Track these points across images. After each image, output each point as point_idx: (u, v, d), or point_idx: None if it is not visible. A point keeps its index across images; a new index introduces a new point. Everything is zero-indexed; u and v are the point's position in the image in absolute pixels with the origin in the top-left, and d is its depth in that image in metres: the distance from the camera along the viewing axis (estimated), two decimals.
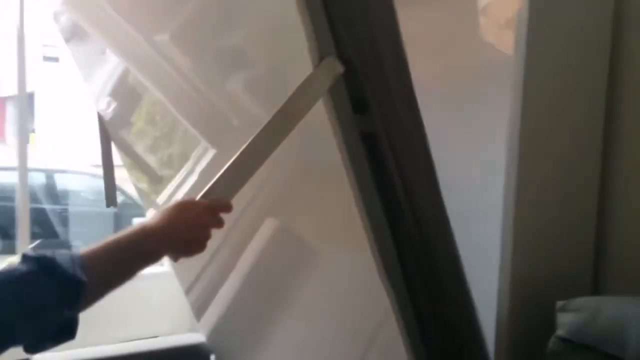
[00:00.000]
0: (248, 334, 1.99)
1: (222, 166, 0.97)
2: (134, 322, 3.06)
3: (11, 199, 5.28)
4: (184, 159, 1.77)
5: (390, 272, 1.14)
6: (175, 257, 0.95)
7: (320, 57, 0.98)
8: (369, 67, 1.03)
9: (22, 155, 3.16)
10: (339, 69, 0.98)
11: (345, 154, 1.05)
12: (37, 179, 4.38)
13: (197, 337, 2.19)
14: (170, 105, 1.67)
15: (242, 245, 1.60)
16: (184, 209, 0.92)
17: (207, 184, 0.97)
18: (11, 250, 4.88)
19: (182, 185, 1.73)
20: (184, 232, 0.91)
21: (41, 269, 0.77)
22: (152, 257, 0.90)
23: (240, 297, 1.86)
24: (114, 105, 1.97)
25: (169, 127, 1.79)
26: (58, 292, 0.77)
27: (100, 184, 2.13)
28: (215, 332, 2.11)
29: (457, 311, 1.23)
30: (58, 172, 4.63)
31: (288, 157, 1.17)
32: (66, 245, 4.33)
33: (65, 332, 0.81)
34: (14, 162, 3.16)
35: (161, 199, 1.99)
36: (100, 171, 2.13)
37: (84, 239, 4.20)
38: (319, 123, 1.03)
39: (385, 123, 1.06)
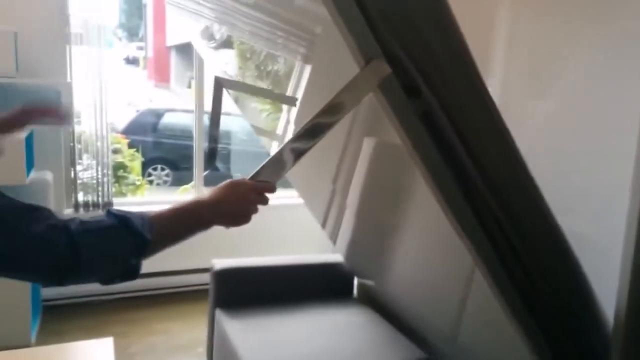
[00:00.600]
0: (370, 253, 2.43)
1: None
2: (291, 243, 3.66)
3: (179, 137, 6.09)
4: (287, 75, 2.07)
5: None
6: (225, 226, 1.06)
7: (366, 60, 1.07)
8: (416, 60, 1.09)
9: (199, 99, 3.71)
10: (387, 69, 1.06)
11: (405, 137, 1.16)
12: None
13: (336, 257, 2.68)
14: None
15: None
16: (234, 187, 1.05)
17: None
18: (179, 182, 5.69)
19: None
20: (233, 206, 1.04)
21: (120, 224, 0.91)
22: (204, 225, 1.03)
23: (358, 224, 2.28)
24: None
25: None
26: (129, 244, 0.92)
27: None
28: (348, 254, 2.59)
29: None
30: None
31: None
32: (229, 177, 4.98)
33: (130, 274, 0.96)
34: (183, 105, 3.59)
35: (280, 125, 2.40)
36: None
37: (242, 173, 4.81)
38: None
39: (441, 103, 1.13)
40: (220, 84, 2.03)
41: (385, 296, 2.44)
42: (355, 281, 2.72)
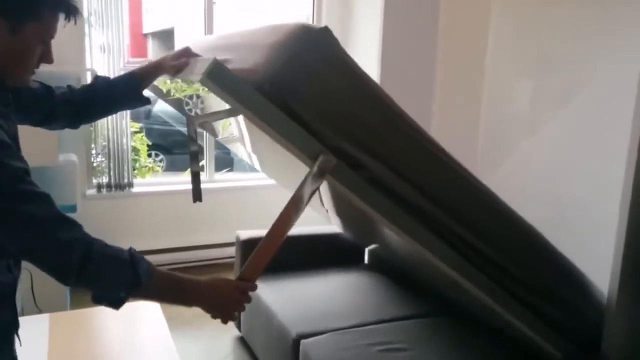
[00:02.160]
0: (360, 234, 2.65)
1: None
2: (306, 217, 3.86)
3: (169, 124, 6.30)
4: None
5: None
6: (208, 313, 1.22)
7: (313, 158, 1.27)
8: (354, 141, 1.32)
9: None
10: (332, 160, 1.28)
11: (364, 203, 1.38)
12: None
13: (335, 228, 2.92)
14: None
15: None
16: (222, 283, 1.23)
17: None
18: (173, 168, 5.88)
19: None
20: (216, 300, 1.21)
21: (131, 262, 1.07)
22: (188, 305, 1.22)
23: (343, 221, 2.55)
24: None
25: None
26: (127, 280, 1.07)
27: None
28: (345, 232, 2.84)
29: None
30: None
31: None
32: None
33: (115, 302, 1.09)
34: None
35: None
36: None
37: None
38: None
39: (386, 164, 1.39)
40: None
41: (393, 262, 2.68)
42: (366, 250, 2.97)
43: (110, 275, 1.06)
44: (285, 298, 2.42)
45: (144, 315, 2.19)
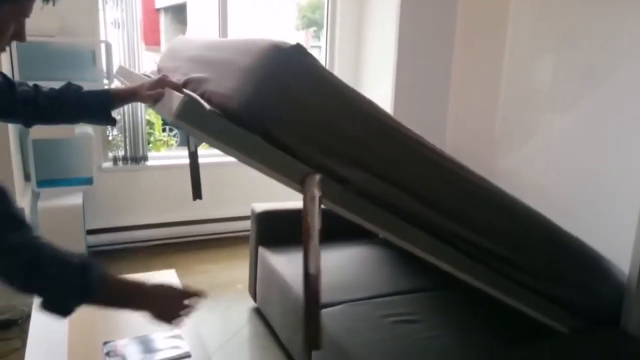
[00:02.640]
0: None
1: None
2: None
3: None
4: None
5: None
6: (153, 317, 1.18)
7: (301, 181, 1.26)
8: (338, 158, 1.30)
9: None
10: (318, 179, 1.26)
11: (356, 216, 1.38)
12: None
13: None
14: None
15: None
16: (168, 290, 1.22)
17: None
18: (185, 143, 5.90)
19: None
20: (159, 306, 1.18)
21: (82, 269, 1.01)
22: (137, 310, 1.17)
23: None
24: None
25: None
26: (76, 288, 1.01)
27: None
28: None
29: None
30: None
31: None
32: None
33: (63, 310, 1.03)
34: None
35: None
36: None
37: None
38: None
39: (375, 174, 1.36)
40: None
41: None
42: None
43: (59, 282, 1.00)
44: (301, 270, 2.43)
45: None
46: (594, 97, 2.64)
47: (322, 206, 1.26)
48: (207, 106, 1.17)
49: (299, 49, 1.23)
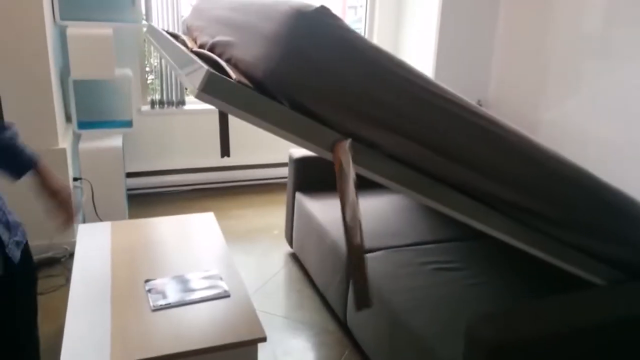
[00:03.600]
0: None
1: None
2: None
3: None
4: None
5: None
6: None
7: (331, 148, 1.23)
8: (364, 122, 1.25)
9: None
10: (348, 143, 1.23)
11: (385, 178, 1.33)
12: None
13: None
14: None
15: None
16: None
17: None
18: None
19: None
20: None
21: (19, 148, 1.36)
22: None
23: None
24: None
25: None
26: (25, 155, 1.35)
27: None
28: None
29: None
30: None
31: None
32: None
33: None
34: None
35: None
36: None
37: None
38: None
39: (403, 142, 1.31)
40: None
41: None
42: None
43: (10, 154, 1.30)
44: (338, 216, 2.43)
45: (200, 226, 2.24)
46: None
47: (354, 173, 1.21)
48: (233, 76, 1.14)
49: (322, 12, 1.16)
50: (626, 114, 2.65)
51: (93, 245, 2.03)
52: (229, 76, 1.15)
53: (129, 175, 3.62)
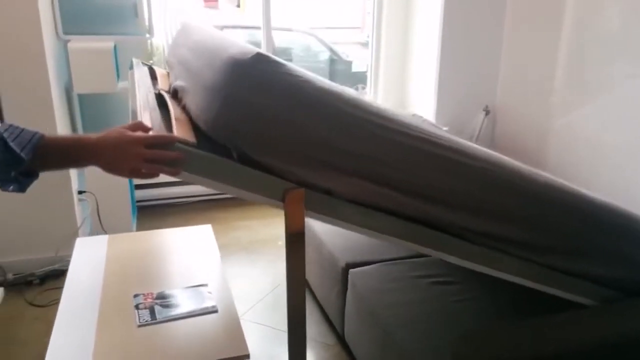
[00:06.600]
0: None
1: None
2: None
3: None
4: None
5: None
6: (104, 169, 1.10)
7: (282, 198, 1.21)
8: (319, 170, 1.21)
9: (267, 16, 3.77)
10: (301, 191, 1.21)
11: (345, 223, 1.32)
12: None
13: None
14: None
15: None
16: (118, 134, 1.09)
17: None
18: None
19: None
20: (111, 154, 1.07)
21: (3, 140, 0.99)
22: (83, 163, 1.11)
23: None
24: None
25: None
26: (6, 159, 0.99)
27: (305, 41, 2.50)
28: None
29: None
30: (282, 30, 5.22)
31: None
32: None
33: (16, 184, 1.04)
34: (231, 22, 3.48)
35: None
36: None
37: None
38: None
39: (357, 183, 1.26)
40: None
41: None
42: None
43: None
44: (335, 228, 2.39)
45: (197, 239, 2.23)
46: None
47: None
48: (174, 132, 1.15)
49: (259, 59, 1.14)
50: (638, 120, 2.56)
51: (87, 259, 2.02)
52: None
53: (138, 187, 3.63)
